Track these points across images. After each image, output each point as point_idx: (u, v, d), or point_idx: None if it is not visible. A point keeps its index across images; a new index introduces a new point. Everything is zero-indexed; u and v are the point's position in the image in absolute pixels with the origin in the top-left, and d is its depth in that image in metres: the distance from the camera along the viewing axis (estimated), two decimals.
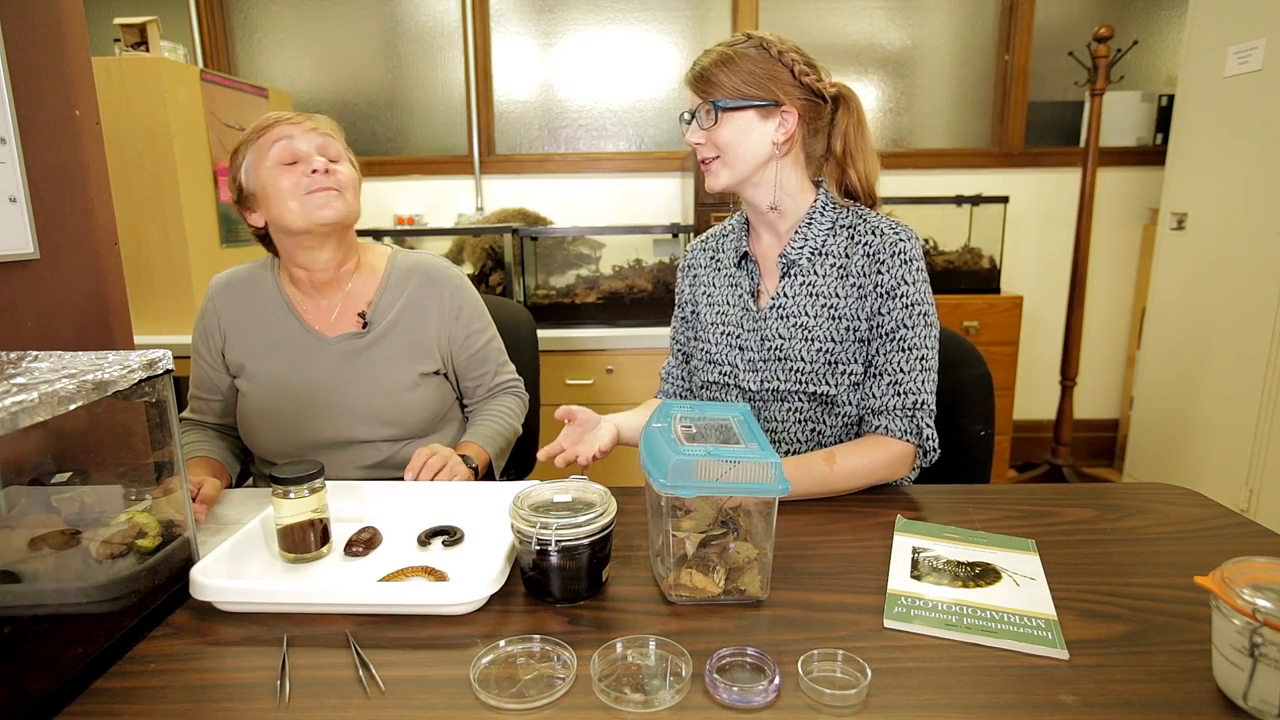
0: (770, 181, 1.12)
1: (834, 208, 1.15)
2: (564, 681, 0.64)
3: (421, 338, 1.28)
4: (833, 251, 1.13)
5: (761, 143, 1.09)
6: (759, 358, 1.16)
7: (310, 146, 1.17)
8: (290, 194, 1.15)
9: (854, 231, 1.13)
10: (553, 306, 2.55)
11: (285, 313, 1.25)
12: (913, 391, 1.07)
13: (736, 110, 1.07)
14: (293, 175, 1.15)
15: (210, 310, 1.27)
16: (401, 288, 1.29)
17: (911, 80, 3.04)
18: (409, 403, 1.25)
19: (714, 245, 1.28)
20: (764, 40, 1.08)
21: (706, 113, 1.08)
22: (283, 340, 1.24)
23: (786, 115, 1.08)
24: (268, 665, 0.68)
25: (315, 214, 1.15)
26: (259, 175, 1.17)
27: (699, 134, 1.11)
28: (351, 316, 1.26)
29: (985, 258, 2.78)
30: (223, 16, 3.01)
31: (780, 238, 1.17)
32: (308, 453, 1.23)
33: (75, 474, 0.76)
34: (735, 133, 1.08)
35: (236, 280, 1.29)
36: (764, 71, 1.07)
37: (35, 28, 1.14)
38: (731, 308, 1.20)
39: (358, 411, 1.23)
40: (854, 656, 0.66)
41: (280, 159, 1.16)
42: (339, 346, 1.24)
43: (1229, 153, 2.33)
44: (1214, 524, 0.97)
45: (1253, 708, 0.59)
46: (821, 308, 1.12)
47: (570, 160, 3.06)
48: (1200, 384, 2.43)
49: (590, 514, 0.77)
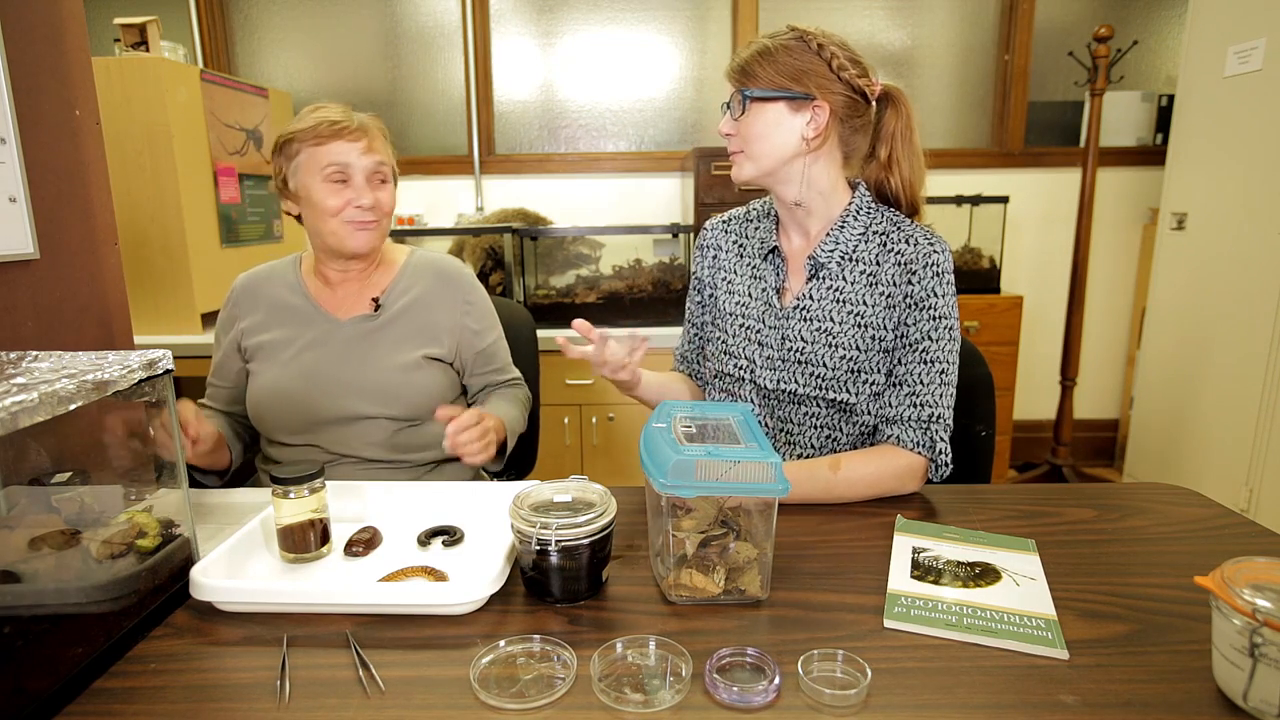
0: (798, 178, 1.09)
1: (869, 212, 1.12)
2: (564, 681, 0.64)
3: (432, 325, 1.31)
4: (863, 258, 1.10)
5: (789, 136, 1.06)
6: (778, 357, 1.14)
7: (364, 174, 1.21)
8: (333, 214, 1.20)
9: (887, 239, 1.10)
10: (553, 306, 2.55)
11: (303, 299, 1.30)
12: (930, 404, 1.05)
13: (766, 101, 1.05)
14: (340, 197, 1.20)
15: (231, 303, 1.33)
16: (416, 280, 1.33)
17: (911, 80, 3.04)
18: (412, 382, 1.26)
19: (738, 230, 1.24)
20: (805, 33, 1.07)
21: (737, 103, 1.07)
22: (298, 322, 1.28)
23: (819, 110, 1.06)
24: (268, 665, 0.68)
25: (347, 242, 1.23)
26: (307, 182, 1.21)
27: (729, 124, 1.09)
28: (366, 302, 1.30)
29: (985, 258, 2.78)
30: (223, 16, 3.01)
31: (810, 238, 1.15)
32: (311, 429, 1.26)
33: (75, 474, 0.76)
34: (763, 125, 1.06)
35: (258, 275, 1.35)
36: (800, 63, 1.05)
37: (35, 28, 1.14)
38: (754, 301, 1.18)
39: (361, 388, 1.25)
40: (854, 656, 0.66)
41: (332, 177, 1.20)
42: (350, 328, 1.28)
43: (1229, 153, 2.33)
44: (1214, 524, 0.97)
45: (1253, 708, 0.59)
46: (848, 314, 1.10)
47: (570, 160, 3.06)
48: (1200, 384, 2.43)
49: (590, 514, 0.77)
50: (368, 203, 1.21)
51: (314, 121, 1.20)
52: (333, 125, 1.19)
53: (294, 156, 1.21)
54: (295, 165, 1.21)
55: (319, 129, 1.19)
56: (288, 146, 1.22)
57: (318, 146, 1.19)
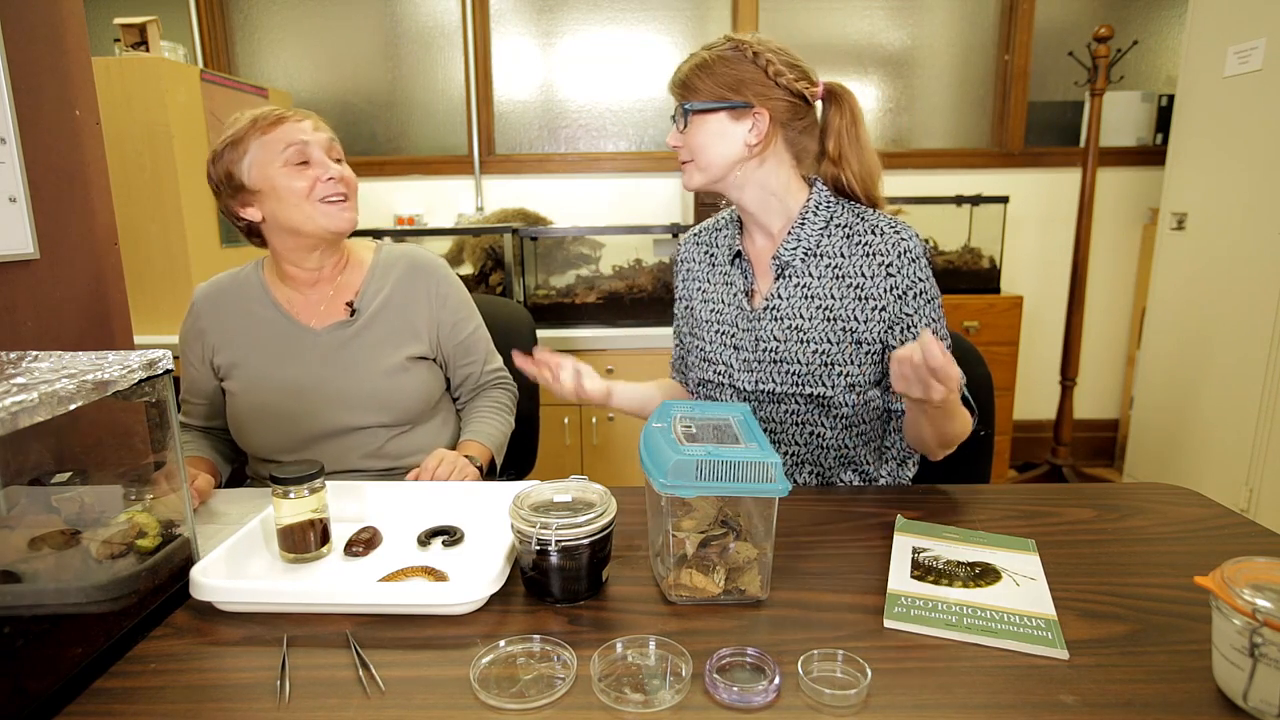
0: (747, 182, 1.12)
1: (828, 206, 1.14)
2: (564, 681, 0.64)
3: (409, 322, 1.28)
4: (827, 252, 1.13)
5: (733, 145, 1.09)
6: (754, 358, 1.16)
7: (321, 149, 1.19)
8: (305, 197, 1.16)
9: (851, 231, 1.12)
10: (553, 306, 2.55)
11: (273, 310, 1.25)
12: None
13: (707, 113, 1.08)
14: (305, 178, 1.16)
15: (194, 316, 1.27)
16: (387, 276, 1.30)
17: (911, 80, 3.04)
18: (400, 387, 1.25)
19: (708, 240, 1.27)
20: (740, 42, 1.08)
21: (680, 116, 1.11)
22: (271, 337, 1.24)
23: (759, 116, 1.08)
24: (268, 665, 0.68)
25: (330, 222, 1.18)
26: (267, 172, 1.16)
27: (676, 137, 1.13)
28: (339, 308, 1.27)
29: (985, 258, 2.78)
30: (223, 16, 3.01)
31: (773, 238, 1.17)
32: (304, 446, 1.23)
33: (75, 474, 0.76)
34: (705, 135, 1.09)
35: (220, 286, 1.29)
36: (737, 73, 1.07)
37: (35, 28, 1.14)
38: (726, 306, 1.20)
39: (350, 399, 1.23)
40: (854, 656, 0.66)
41: (292, 160, 1.16)
42: (328, 337, 1.24)
43: (1229, 153, 2.33)
44: (1214, 524, 0.97)
45: (1253, 708, 0.59)
46: (816, 309, 1.12)
47: (570, 160, 3.06)
48: (1200, 384, 2.43)
49: (590, 514, 0.77)
50: (335, 174, 1.17)
51: (251, 117, 1.17)
52: (272, 113, 1.18)
53: (243, 155, 1.16)
54: (248, 162, 1.16)
55: (259, 121, 1.17)
56: (231, 149, 1.17)
57: (265, 135, 1.16)
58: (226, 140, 1.18)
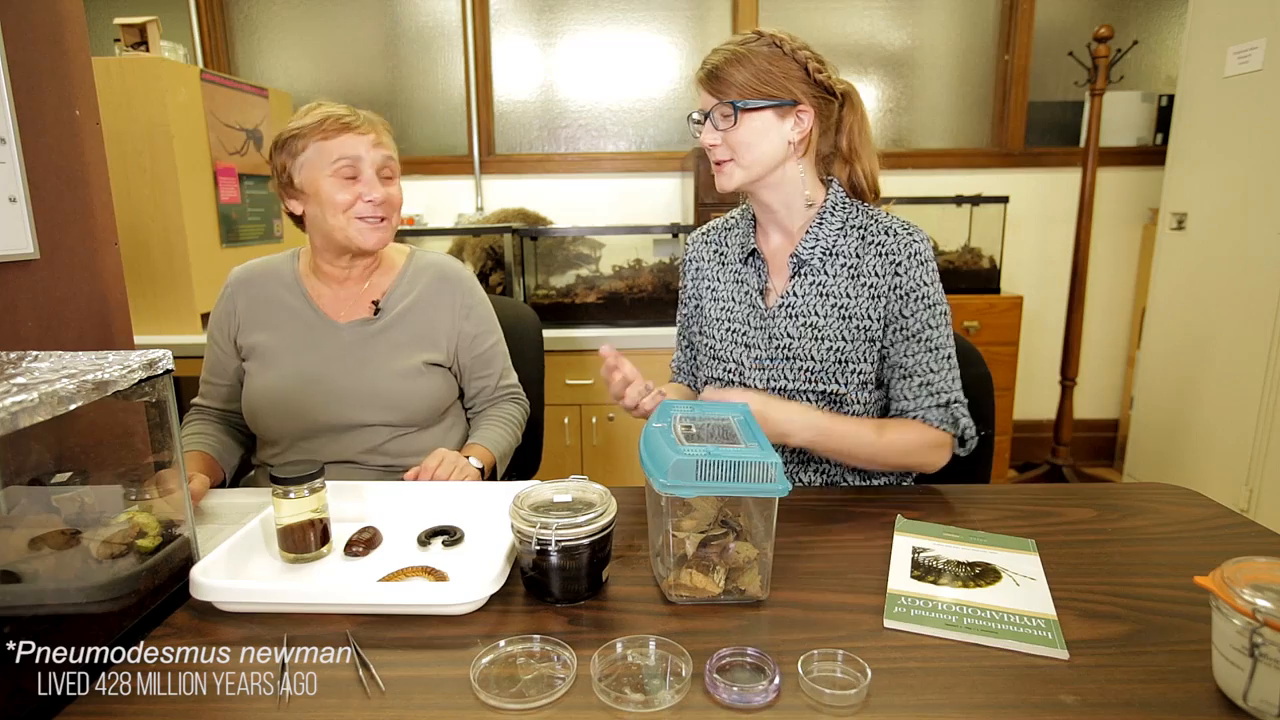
0: (783, 181, 1.11)
1: (844, 207, 1.14)
2: (564, 681, 0.64)
3: (430, 329, 1.30)
4: (843, 251, 1.13)
5: (778, 143, 1.08)
6: (766, 356, 1.16)
7: (373, 167, 1.21)
8: (343, 210, 1.19)
9: (865, 231, 1.12)
10: (553, 306, 2.55)
11: (301, 300, 1.28)
12: (945, 390, 1.09)
13: (755, 111, 1.06)
14: (349, 192, 1.19)
15: (227, 295, 1.31)
16: (416, 282, 1.32)
17: (911, 80, 3.04)
18: (412, 390, 1.26)
19: (717, 239, 1.27)
20: (776, 38, 1.07)
21: (724, 115, 1.06)
22: (295, 326, 1.27)
23: (803, 114, 1.07)
24: (268, 665, 0.68)
25: (361, 239, 1.21)
26: (315, 177, 1.19)
27: (714, 135, 1.08)
28: (365, 305, 1.29)
29: (985, 258, 2.78)
30: (223, 16, 3.01)
31: (791, 236, 1.17)
32: (310, 435, 1.25)
33: (75, 474, 0.76)
34: (752, 134, 1.06)
35: (255, 270, 1.32)
36: (779, 69, 1.05)
37: (35, 28, 1.14)
38: (738, 305, 1.20)
39: (360, 396, 1.24)
40: (854, 656, 0.66)
41: (342, 172, 1.18)
42: (349, 332, 1.27)
43: (1229, 153, 2.33)
44: (1214, 524, 0.97)
45: (1253, 708, 0.59)
46: (832, 307, 1.12)
47: (570, 160, 3.06)
48: (1200, 384, 2.43)
49: (590, 514, 0.77)
50: (378, 197, 1.20)
51: (320, 117, 1.19)
52: (340, 120, 1.19)
53: (299, 153, 1.20)
54: (301, 161, 1.20)
55: (326, 124, 1.18)
56: (292, 143, 1.20)
57: (325, 141, 1.18)
58: (291, 131, 1.20)
